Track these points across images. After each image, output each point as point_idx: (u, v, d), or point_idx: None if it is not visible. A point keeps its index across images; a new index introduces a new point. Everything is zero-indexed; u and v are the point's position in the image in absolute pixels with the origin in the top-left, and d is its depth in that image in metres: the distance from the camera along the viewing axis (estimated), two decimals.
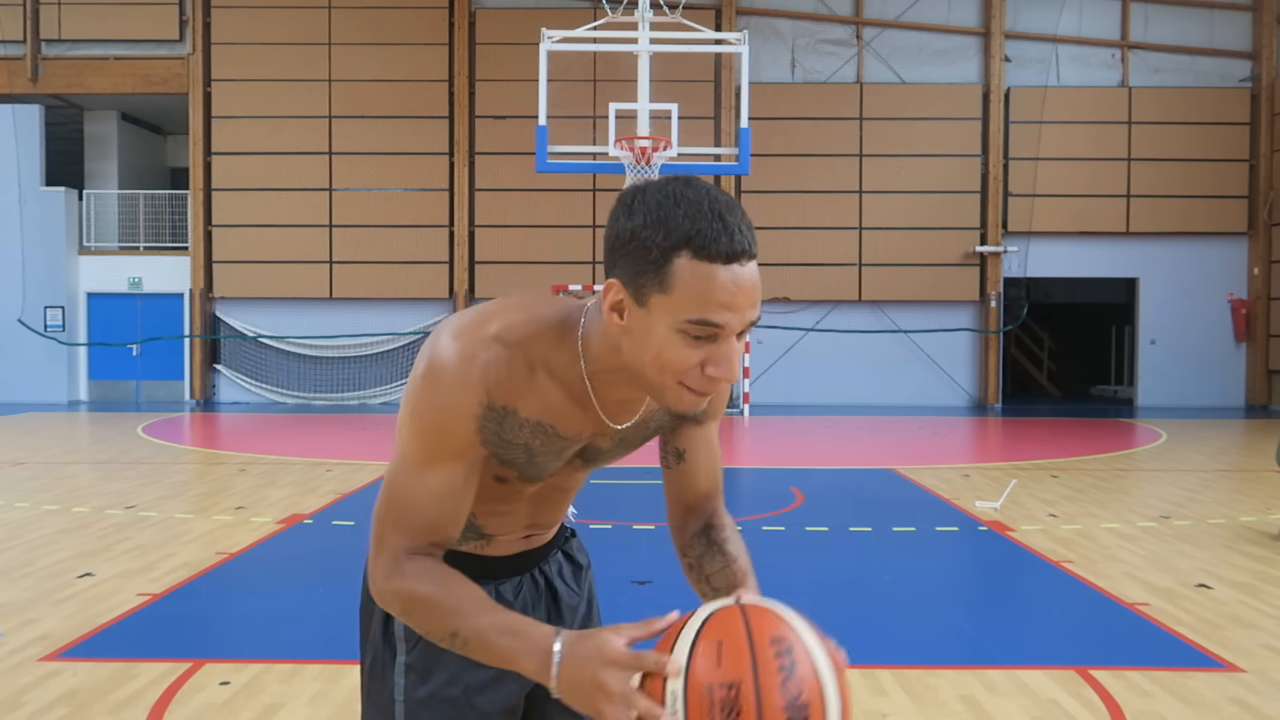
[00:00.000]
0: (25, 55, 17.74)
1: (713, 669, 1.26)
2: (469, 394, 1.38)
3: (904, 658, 4.08)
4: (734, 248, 1.31)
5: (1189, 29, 17.96)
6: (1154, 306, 18.00)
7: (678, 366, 1.32)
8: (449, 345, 1.39)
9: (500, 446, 1.45)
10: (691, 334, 1.30)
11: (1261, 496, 8.17)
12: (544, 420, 1.45)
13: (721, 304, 1.30)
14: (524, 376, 1.41)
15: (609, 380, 1.44)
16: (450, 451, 1.41)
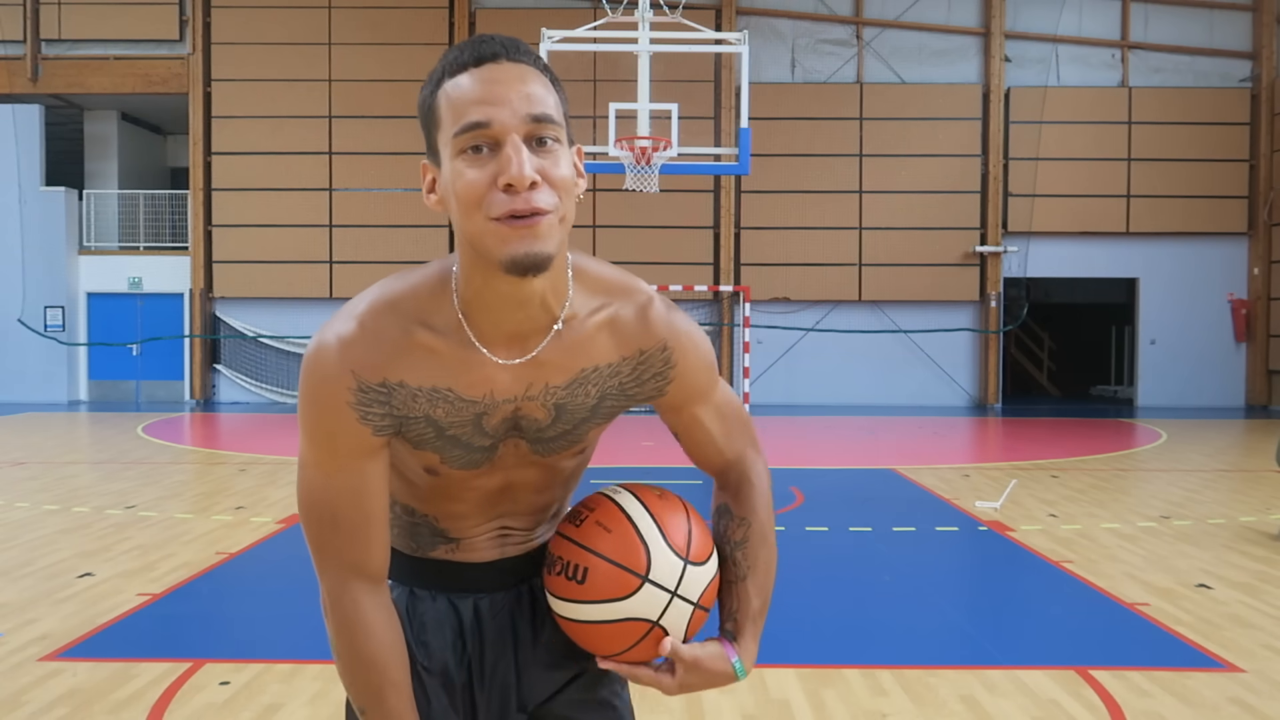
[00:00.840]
0: (25, 55, 17.74)
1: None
2: (337, 382, 1.29)
3: (904, 658, 4.08)
4: (480, 52, 1.23)
5: (1189, 29, 17.96)
6: (1154, 306, 18.00)
7: (472, 194, 1.20)
8: (313, 340, 1.32)
9: (401, 426, 1.34)
10: (468, 149, 1.20)
11: (1261, 496, 8.17)
12: (439, 385, 1.32)
13: (477, 100, 1.20)
14: (398, 342, 1.31)
15: (483, 303, 1.31)
16: (346, 449, 1.32)
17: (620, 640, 1.45)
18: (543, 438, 1.43)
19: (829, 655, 4.11)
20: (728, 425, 1.57)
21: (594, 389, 1.40)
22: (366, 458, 1.34)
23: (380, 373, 1.30)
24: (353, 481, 1.34)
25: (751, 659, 1.59)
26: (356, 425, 1.31)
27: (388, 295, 1.34)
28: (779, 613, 4.82)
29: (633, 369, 1.43)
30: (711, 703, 3.58)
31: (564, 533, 1.47)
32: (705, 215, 17.66)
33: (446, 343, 1.32)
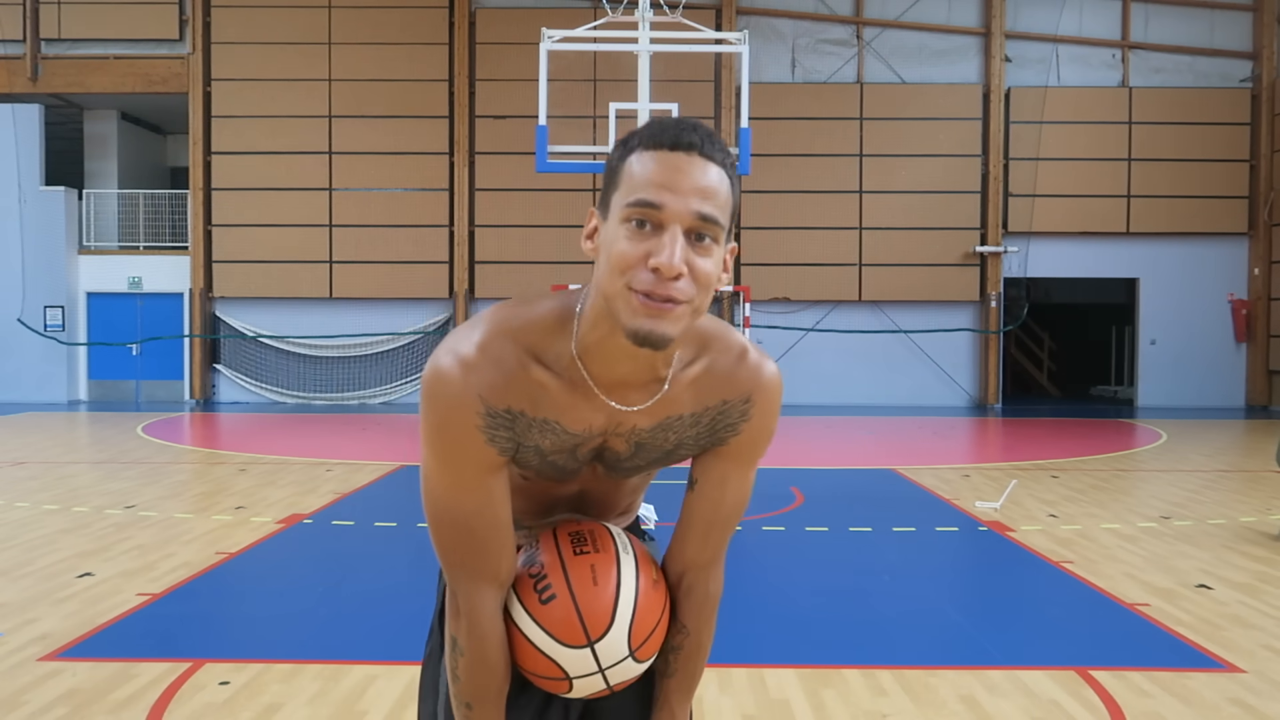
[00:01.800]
0: (25, 55, 17.74)
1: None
2: (465, 406, 1.36)
3: (904, 658, 4.08)
4: (679, 138, 1.30)
5: (1189, 29, 17.96)
6: (1154, 306, 18.00)
7: (623, 261, 1.28)
8: (438, 362, 1.38)
9: (517, 451, 1.44)
10: (634, 221, 1.28)
11: (1261, 497, 8.17)
12: (550, 417, 1.41)
13: (658, 183, 1.27)
14: (519, 374, 1.38)
15: (602, 351, 1.38)
16: (475, 469, 1.41)
17: (534, 664, 1.50)
18: (619, 466, 1.53)
19: (829, 655, 4.11)
20: (724, 517, 1.58)
21: (674, 435, 1.49)
22: (493, 474, 1.43)
23: (505, 399, 1.38)
24: (481, 497, 1.44)
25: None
26: (484, 447, 1.40)
27: (506, 325, 1.40)
28: (779, 613, 4.83)
29: (712, 419, 1.49)
30: (711, 703, 3.58)
31: (561, 547, 1.52)
32: None
33: (563, 384, 1.41)
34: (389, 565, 5.81)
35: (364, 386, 17.87)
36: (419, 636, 4.57)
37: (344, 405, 17.60)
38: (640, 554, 1.55)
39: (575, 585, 1.47)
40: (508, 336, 1.39)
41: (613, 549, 1.52)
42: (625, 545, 1.54)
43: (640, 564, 1.53)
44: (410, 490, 8.37)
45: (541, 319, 1.41)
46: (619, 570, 1.50)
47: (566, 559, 1.50)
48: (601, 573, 1.49)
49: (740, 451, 1.53)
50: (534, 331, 1.40)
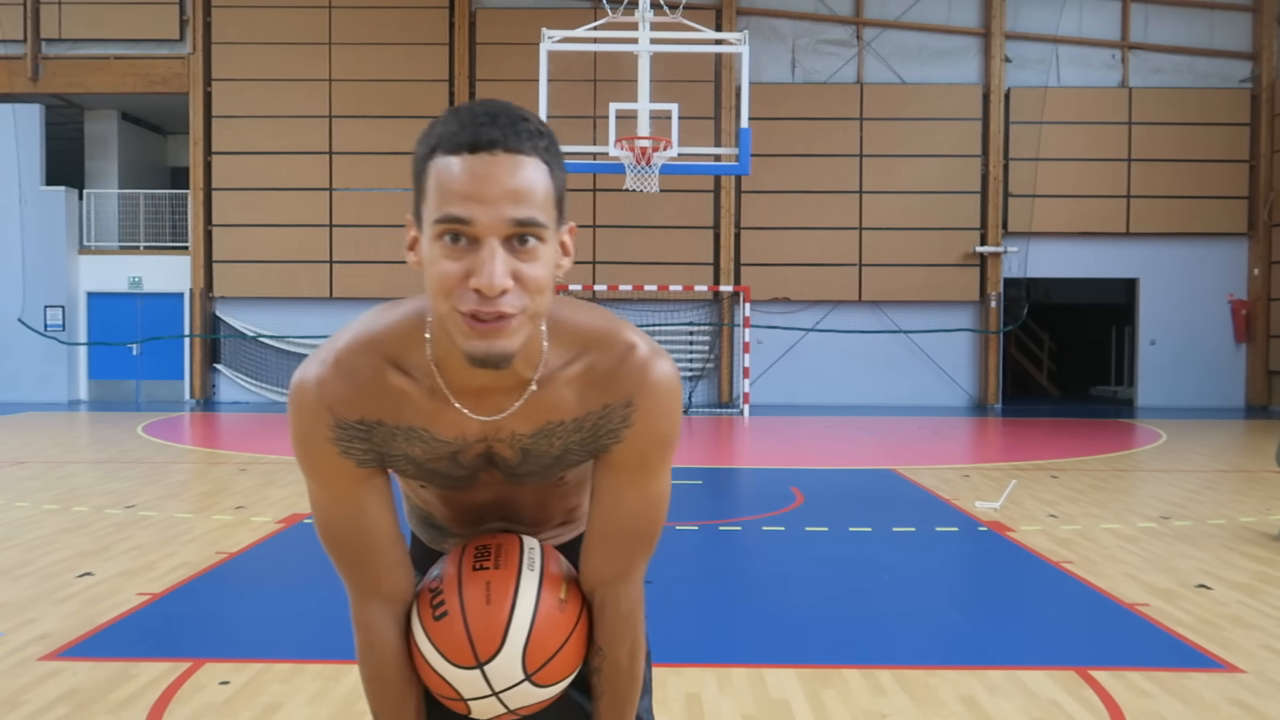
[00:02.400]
0: (25, 55, 17.74)
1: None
2: (316, 419, 1.32)
3: (904, 658, 4.08)
4: (478, 137, 1.18)
5: (1189, 30, 17.96)
6: (1154, 307, 18.00)
7: (444, 283, 1.20)
8: (297, 374, 1.35)
9: (384, 460, 1.38)
10: (445, 238, 1.19)
11: (1261, 497, 8.17)
12: (415, 424, 1.34)
13: (462, 194, 1.17)
14: (375, 383, 1.32)
15: (455, 361, 1.30)
16: (336, 480, 1.37)
17: (431, 681, 1.44)
18: (516, 473, 1.44)
19: (829, 655, 4.11)
20: (627, 531, 1.44)
21: (558, 441, 1.39)
22: (359, 487, 1.38)
23: (357, 411, 1.33)
24: (350, 510, 1.39)
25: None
26: (339, 459, 1.35)
27: (365, 334, 1.35)
28: (779, 613, 4.83)
29: (593, 424, 1.38)
30: (711, 703, 3.58)
31: (464, 561, 1.44)
32: (705, 215, 17.66)
33: (418, 389, 1.33)
34: None
35: None
36: None
37: None
38: (548, 572, 1.44)
39: (467, 603, 1.39)
40: (366, 345, 1.34)
41: (515, 565, 1.42)
42: (533, 561, 1.44)
43: (545, 582, 1.42)
44: None
45: (399, 326, 1.34)
46: (517, 589, 1.40)
47: (464, 574, 1.42)
48: (496, 591, 1.39)
49: (628, 461, 1.40)
50: (393, 339, 1.33)
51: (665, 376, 1.38)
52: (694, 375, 17.70)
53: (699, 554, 6.14)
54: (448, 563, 1.46)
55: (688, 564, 5.89)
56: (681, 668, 3.93)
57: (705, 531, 6.68)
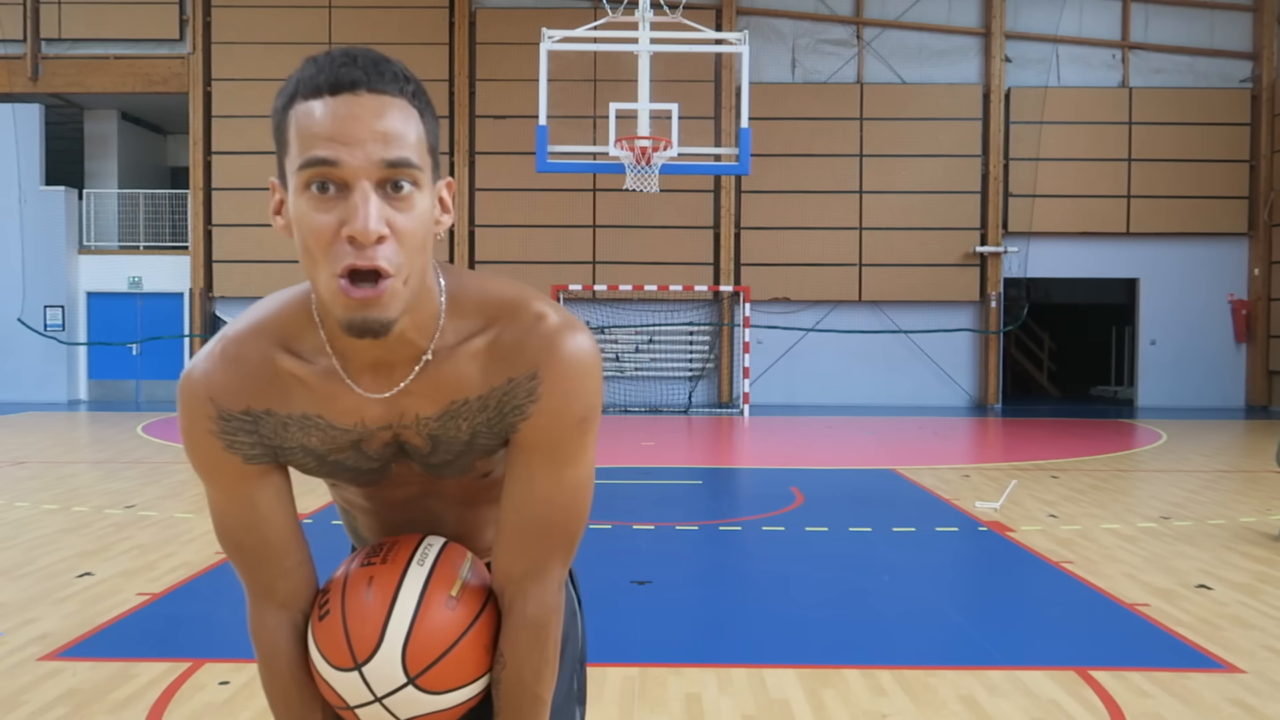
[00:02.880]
0: (25, 55, 17.74)
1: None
2: (198, 411, 1.25)
3: (904, 658, 4.08)
4: (339, 78, 1.10)
5: (1189, 29, 17.96)
6: (1154, 307, 18.00)
7: (317, 238, 1.10)
8: (186, 367, 1.28)
9: (278, 454, 1.29)
10: (312, 186, 1.10)
11: (1261, 497, 8.17)
12: (309, 412, 1.25)
13: (325, 136, 1.09)
14: (262, 371, 1.24)
15: (335, 331, 1.22)
16: (226, 477, 1.29)
17: (324, 691, 1.34)
18: (430, 463, 1.33)
19: (829, 655, 4.11)
20: (538, 523, 1.31)
21: (465, 424, 1.27)
22: (250, 484, 1.29)
23: (243, 400, 1.24)
24: (243, 508, 1.30)
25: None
26: (225, 454, 1.27)
27: (255, 319, 1.27)
28: (779, 613, 4.83)
29: (498, 401, 1.26)
30: (711, 703, 3.58)
31: (355, 560, 1.36)
32: (705, 215, 17.65)
33: (312, 371, 1.24)
34: None
35: None
36: None
37: None
38: (440, 569, 1.32)
39: (348, 600, 1.30)
40: (254, 330, 1.25)
41: (404, 561, 1.31)
42: (424, 557, 1.32)
43: (434, 579, 1.30)
44: None
45: (288, 306, 1.25)
46: (399, 585, 1.29)
47: (351, 572, 1.33)
48: (378, 586, 1.29)
49: (537, 441, 1.27)
50: (283, 321, 1.25)
51: (578, 349, 1.25)
52: (694, 375, 17.70)
53: (699, 554, 6.14)
54: (342, 564, 1.38)
55: (688, 564, 5.89)
56: (681, 668, 3.93)
57: (705, 531, 6.68)
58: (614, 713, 3.48)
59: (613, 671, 3.88)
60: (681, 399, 17.44)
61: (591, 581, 5.25)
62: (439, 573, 1.31)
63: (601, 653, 4.09)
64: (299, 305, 1.25)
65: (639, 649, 4.18)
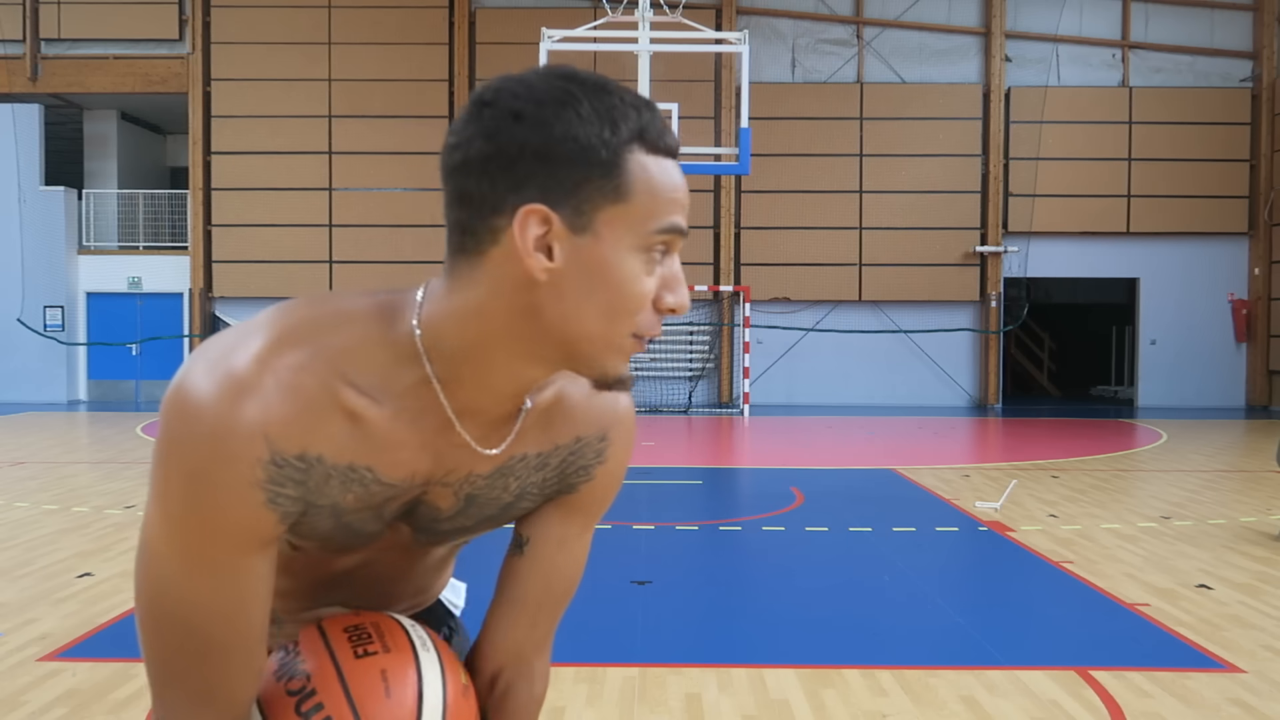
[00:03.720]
0: (25, 55, 17.74)
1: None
2: (244, 454, 0.94)
3: (904, 658, 4.08)
4: (671, 141, 1.01)
5: (1189, 29, 17.96)
6: (1154, 306, 18.01)
7: (640, 304, 0.98)
8: (194, 383, 0.96)
9: (305, 512, 1.02)
10: (655, 250, 0.98)
11: (1262, 497, 8.17)
12: (357, 462, 1.01)
13: (682, 204, 1.00)
14: (322, 403, 0.97)
15: (459, 372, 1.02)
16: (232, 542, 0.98)
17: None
18: (435, 528, 1.16)
19: (829, 655, 4.10)
20: (561, 591, 1.23)
21: (515, 482, 1.14)
22: (255, 553, 1.00)
23: (300, 442, 0.97)
24: (232, 588, 1.00)
25: None
26: (260, 511, 0.97)
27: (304, 336, 0.99)
28: (779, 613, 4.82)
29: (561, 461, 1.16)
30: (711, 703, 3.58)
31: (336, 648, 1.11)
32: (705, 215, 17.65)
33: (390, 417, 1.02)
34: None
35: None
36: None
37: None
38: (444, 652, 1.16)
39: (360, 699, 1.07)
40: (313, 355, 0.98)
41: (408, 646, 1.13)
42: (424, 640, 1.15)
43: (445, 663, 1.14)
44: None
45: (357, 331, 1.01)
46: (420, 674, 1.11)
47: (345, 665, 1.09)
48: (396, 679, 1.09)
49: (590, 502, 1.21)
50: (348, 349, 1.00)
51: (632, 408, 1.22)
52: (694, 375, 17.70)
53: (699, 554, 6.14)
54: (305, 654, 1.11)
55: (688, 564, 5.89)
56: (681, 668, 3.92)
57: (705, 531, 6.68)
58: (614, 713, 3.48)
59: (613, 671, 3.88)
60: (681, 399, 17.44)
61: (592, 581, 5.26)
62: (445, 656, 1.16)
63: (601, 653, 4.09)
64: (383, 329, 1.01)
65: (639, 649, 4.17)
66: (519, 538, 1.21)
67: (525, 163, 0.93)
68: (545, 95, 0.95)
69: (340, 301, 1.03)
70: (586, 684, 3.74)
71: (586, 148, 0.93)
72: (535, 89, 0.95)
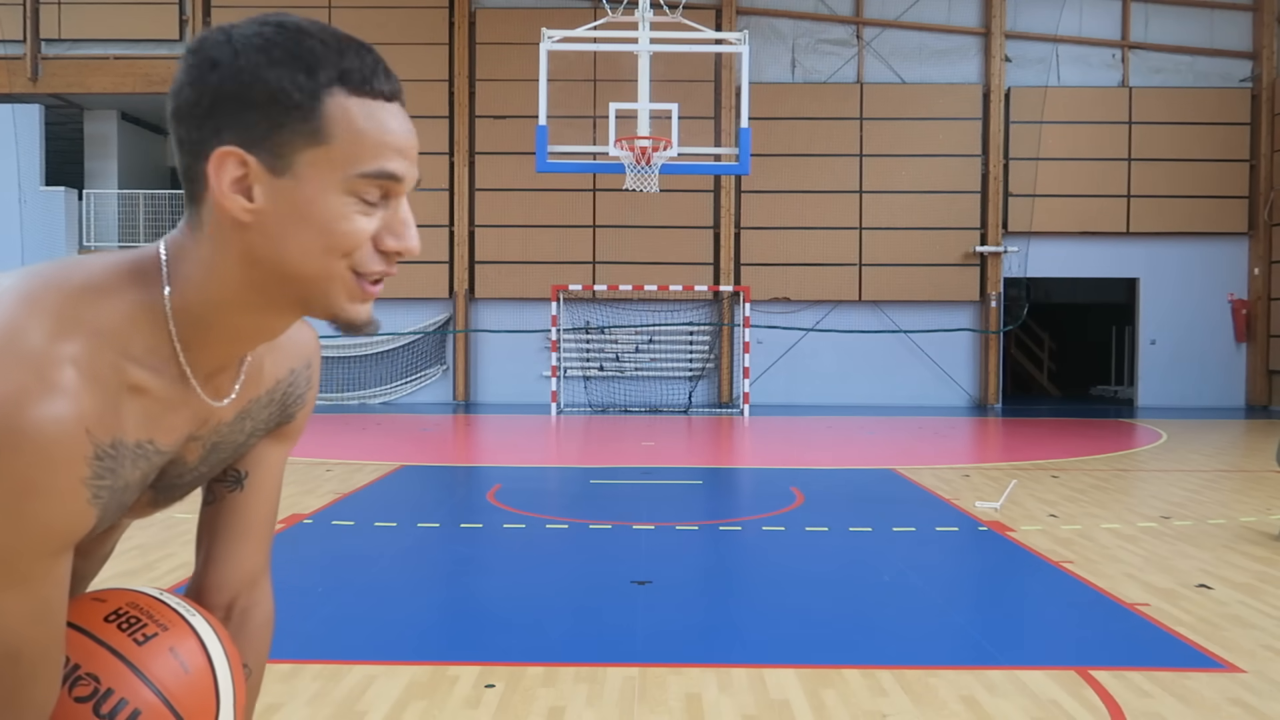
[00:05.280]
0: (25, 55, 17.75)
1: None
2: (71, 454, 0.91)
3: (904, 658, 4.08)
4: (393, 85, 1.01)
5: (1189, 29, 17.96)
6: (1154, 306, 18.01)
7: (350, 242, 0.99)
8: (9, 405, 0.88)
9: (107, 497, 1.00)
10: (365, 194, 0.99)
11: (1262, 497, 8.17)
12: (142, 437, 1.01)
13: (397, 149, 1.00)
14: (115, 385, 0.97)
15: (218, 336, 1.04)
16: (43, 551, 0.93)
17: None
18: (177, 483, 1.14)
19: (829, 655, 4.11)
20: (275, 514, 1.29)
21: (249, 423, 1.17)
22: (64, 556, 0.97)
23: (110, 430, 0.96)
24: (36, 597, 0.95)
25: None
26: (85, 508, 0.94)
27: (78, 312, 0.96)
28: (779, 613, 4.83)
29: (283, 394, 1.22)
30: (711, 703, 3.58)
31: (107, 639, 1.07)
32: (705, 215, 17.66)
33: (158, 382, 1.01)
34: (389, 565, 5.81)
35: (364, 386, 17.87)
36: (419, 636, 4.58)
37: (344, 405, 17.60)
38: (196, 606, 1.18)
39: (162, 683, 1.05)
40: (95, 335, 0.96)
41: (178, 617, 1.12)
42: (182, 605, 1.15)
43: (210, 620, 1.16)
44: (410, 489, 8.38)
45: (123, 300, 0.99)
46: (201, 641, 1.12)
47: (131, 655, 1.06)
48: (185, 653, 1.09)
49: (299, 427, 1.27)
50: (121, 321, 0.98)
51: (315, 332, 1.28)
52: (694, 375, 17.71)
53: (699, 554, 6.14)
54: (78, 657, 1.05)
55: (688, 564, 5.89)
56: (681, 668, 3.93)
57: (705, 531, 6.68)
58: (614, 713, 3.48)
59: (613, 671, 3.88)
60: (681, 399, 17.44)
61: (592, 581, 5.26)
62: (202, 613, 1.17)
63: (601, 653, 4.09)
64: (136, 305, 1.00)
65: (639, 649, 4.18)
66: (235, 474, 1.24)
67: (223, 108, 0.95)
68: (241, 42, 0.96)
69: (85, 272, 1.00)
70: (586, 684, 3.74)
71: (278, 90, 0.95)
72: (234, 36, 0.97)
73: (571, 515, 7.13)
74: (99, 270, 1.01)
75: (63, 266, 1.01)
